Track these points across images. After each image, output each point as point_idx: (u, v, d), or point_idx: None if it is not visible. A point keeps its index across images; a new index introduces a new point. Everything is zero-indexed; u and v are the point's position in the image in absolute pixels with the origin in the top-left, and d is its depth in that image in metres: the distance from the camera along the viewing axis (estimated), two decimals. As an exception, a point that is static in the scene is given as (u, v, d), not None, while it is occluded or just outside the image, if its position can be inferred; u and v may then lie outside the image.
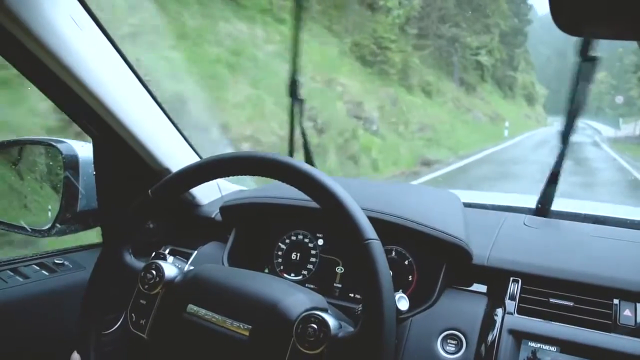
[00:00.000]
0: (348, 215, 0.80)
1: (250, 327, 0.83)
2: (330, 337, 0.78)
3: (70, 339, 0.96)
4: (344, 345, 0.78)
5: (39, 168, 1.40)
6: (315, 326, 0.78)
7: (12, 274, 1.18)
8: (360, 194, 1.14)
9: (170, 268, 0.94)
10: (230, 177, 1.31)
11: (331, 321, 0.79)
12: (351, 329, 0.81)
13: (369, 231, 0.79)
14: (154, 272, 0.93)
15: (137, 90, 1.20)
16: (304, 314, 0.81)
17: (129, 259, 0.96)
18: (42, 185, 1.40)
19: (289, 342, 0.80)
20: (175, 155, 1.31)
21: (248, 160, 0.89)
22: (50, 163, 1.36)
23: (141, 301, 0.93)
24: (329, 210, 0.82)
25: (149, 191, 0.94)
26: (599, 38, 0.58)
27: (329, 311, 0.84)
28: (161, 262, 0.94)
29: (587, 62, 1.19)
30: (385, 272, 0.77)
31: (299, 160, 0.86)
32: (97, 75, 1.07)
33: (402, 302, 0.87)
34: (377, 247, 0.78)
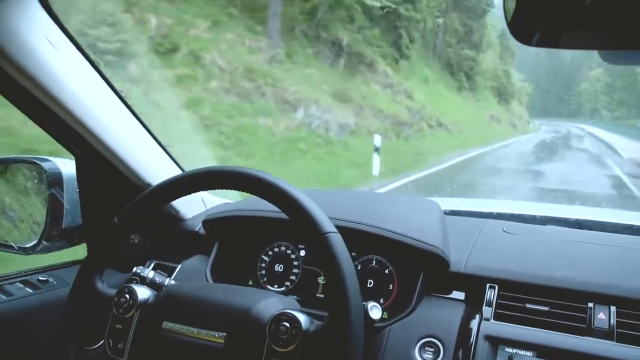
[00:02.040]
0: (305, 213, 0.82)
1: (224, 334, 0.85)
2: (302, 333, 0.80)
3: (55, 357, 0.97)
4: (316, 339, 0.80)
5: (23, 186, 1.41)
6: (287, 324, 0.81)
7: None
8: (337, 204, 1.15)
9: (143, 291, 0.95)
10: (215, 191, 1.33)
11: (302, 318, 0.81)
12: (321, 323, 0.83)
13: (327, 225, 0.82)
14: (127, 296, 0.94)
15: (116, 106, 1.21)
16: (275, 314, 0.83)
17: (101, 286, 0.98)
18: (27, 203, 1.41)
19: (264, 344, 0.82)
20: (156, 169, 1.33)
21: (207, 176, 0.92)
22: (35, 181, 1.37)
23: (117, 326, 0.94)
24: (288, 212, 0.85)
25: (115, 218, 0.96)
26: (555, 47, 0.59)
27: (299, 310, 0.86)
28: (134, 286, 0.96)
29: None
30: (346, 262, 0.80)
31: (253, 169, 0.88)
32: (75, 94, 1.08)
33: (375, 311, 0.88)
34: (336, 239, 0.81)
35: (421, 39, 20.23)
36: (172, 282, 1.05)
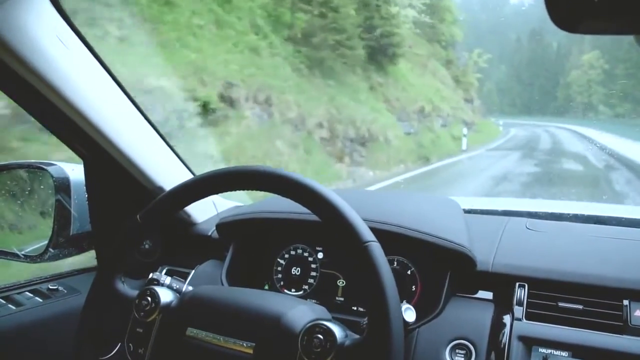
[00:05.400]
0: (345, 220, 0.78)
1: (253, 344, 0.81)
2: (337, 347, 0.76)
3: None
4: (352, 353, 0.75)
5: (29, 192, 1.37)
6: (321, 336, 0.76)
7: (4, 302, 1.15)
8: (359, 203, 1.12)
9: (165, 293, 0.91)
10: (226, 194, 1.29)
11: (337, 330, 0.77)
12: (358, 336, 0.78)
13: (367, 234, 0.78)
14: (149, 298, 0.90)
15: (127, 107, 1.18)
16: (308, 325, 0.79)
17: (122, 287, 0.93)
18: (34, 210, 1.37)
19: (296, 356, 0.78)
20: (168, 173, 1.29)
21: (239, 175, 0.87)
22: (41, 187, 1.33)
23: (138, 329, 0.90)
24: (325, 218, 0.81)
25: (138, 216, 0.92)
26: (596, 34, 0.56)
27: (333, 321, 0.82)
28: (156, 288, 0.91)
29: None
30: (387, 273, 0.76)
31: (290, 171, 0.84)
32: (85, 94, 1.05)
33: (409, 313, 0.84)
34: (376, 248, 0.77)
35: None
36: (189, 287, 1.01)
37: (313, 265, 1.21)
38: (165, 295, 0.91)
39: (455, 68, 22.56)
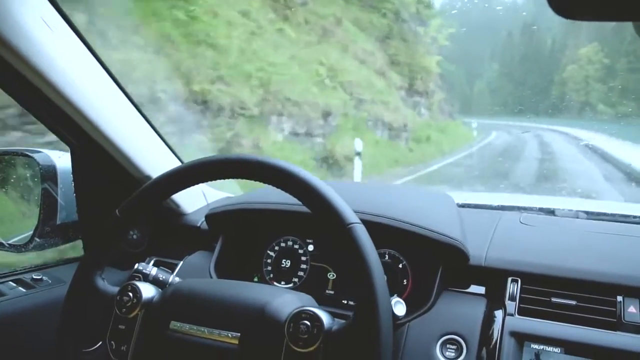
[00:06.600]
0: (327, 204, 0.77)
1: (239, 334, 0.79)
2: (324, 332, 0.74)
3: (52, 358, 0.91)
4: (340, 338, 0.74)
5: (14, 180, 1.35)
6: (307, 322, 0.75)
7: None
8: (351, 196, 1.10)
9: (147, 288, 0.89)
10: (216, 184, 1.27)
11: (324, 315, 0.76)
12: (345, 321, 0.77)
13: (350, 216, 0.77)
14: (130, 294, 0.87)
15: (115, 94, 1.15)
16: (294, 312, 0.77)
17: (102, 284, 0.91)
18: (19, 198, 1.34)
19: (282, 344, 0.76)
20: (156, 161, 1.26)
21: (223, 163, 0.85)
22: (27, 174, 1.30)
23: (120, 326, 0.88)
24: (308, 203, 0.79)
25: (117, 211, 0.89)
26: (595, 20, 0.55)
27: (319, 307, 0.80)
28: (137, 283, 0.89)
29: None
30: (372, 253, 0.75)
31: (271, 157, 0.82)
32: (71, 79, 1.02)
33: (399, 307, 0.82)
34: (360, 230, 0.76)
35: None
36: (176, 279, 0.99)
37: (303, 258, 1.19)
38: (147, 291, 0.88)
39: (399, 44, 15.25)
